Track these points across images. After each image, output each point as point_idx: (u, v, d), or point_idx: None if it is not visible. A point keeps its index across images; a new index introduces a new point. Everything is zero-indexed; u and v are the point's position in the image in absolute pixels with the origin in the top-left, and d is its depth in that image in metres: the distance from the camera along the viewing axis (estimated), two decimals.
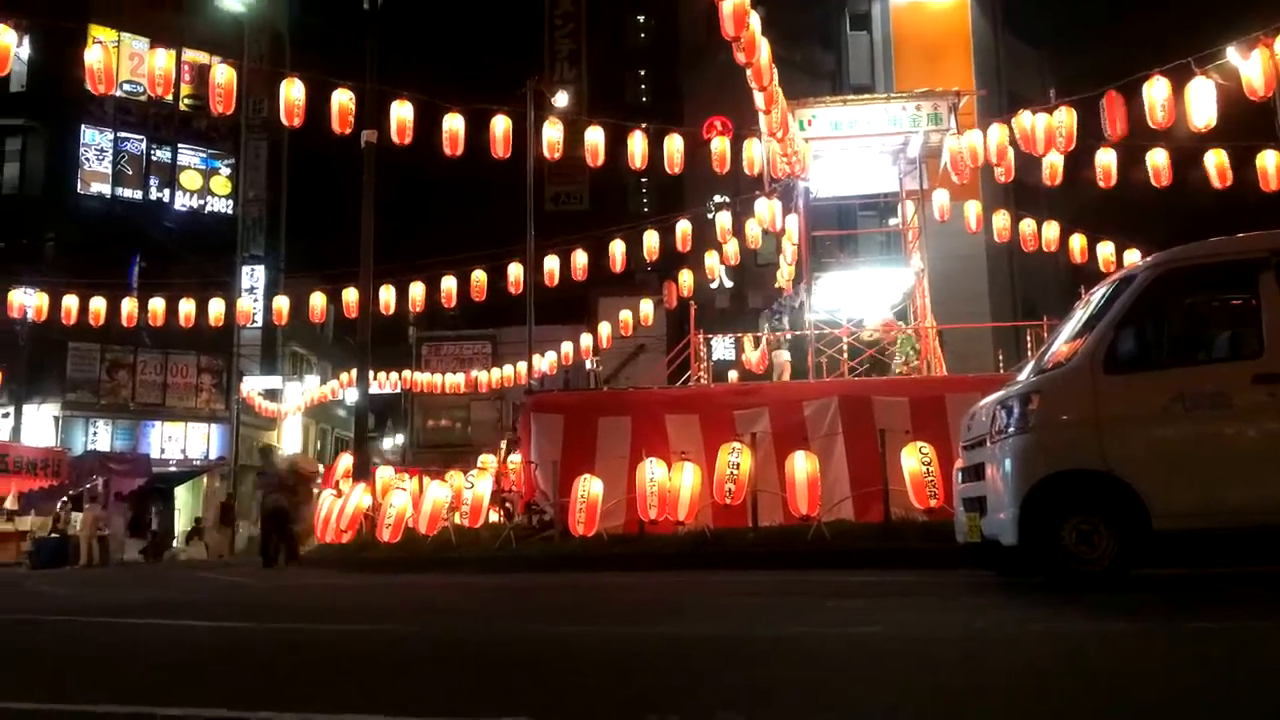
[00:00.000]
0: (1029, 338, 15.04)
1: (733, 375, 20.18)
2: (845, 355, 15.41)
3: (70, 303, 20.41)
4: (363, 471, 15.66)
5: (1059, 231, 17.47)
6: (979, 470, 6.62)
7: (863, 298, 16.32)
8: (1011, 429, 6.18)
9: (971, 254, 21.33)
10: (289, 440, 37.07)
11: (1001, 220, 17.47)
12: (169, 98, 29.03)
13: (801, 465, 10.74)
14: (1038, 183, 15.94)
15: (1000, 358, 16.50)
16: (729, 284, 29.88)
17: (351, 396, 26.50)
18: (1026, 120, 13.50)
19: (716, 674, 3.48)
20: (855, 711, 2.57)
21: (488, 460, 18.25)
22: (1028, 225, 17.47)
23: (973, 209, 16.98)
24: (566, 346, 25.36)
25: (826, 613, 5.56)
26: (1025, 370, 7.16)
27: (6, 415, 25.96)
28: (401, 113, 13.20)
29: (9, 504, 20.45)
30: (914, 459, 10.64)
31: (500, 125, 13.76)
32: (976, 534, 6.58)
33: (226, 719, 2.76)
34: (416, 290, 21.02)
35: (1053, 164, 14.39)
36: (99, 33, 27.56)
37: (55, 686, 3.53)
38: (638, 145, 14.29)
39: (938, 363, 15.48)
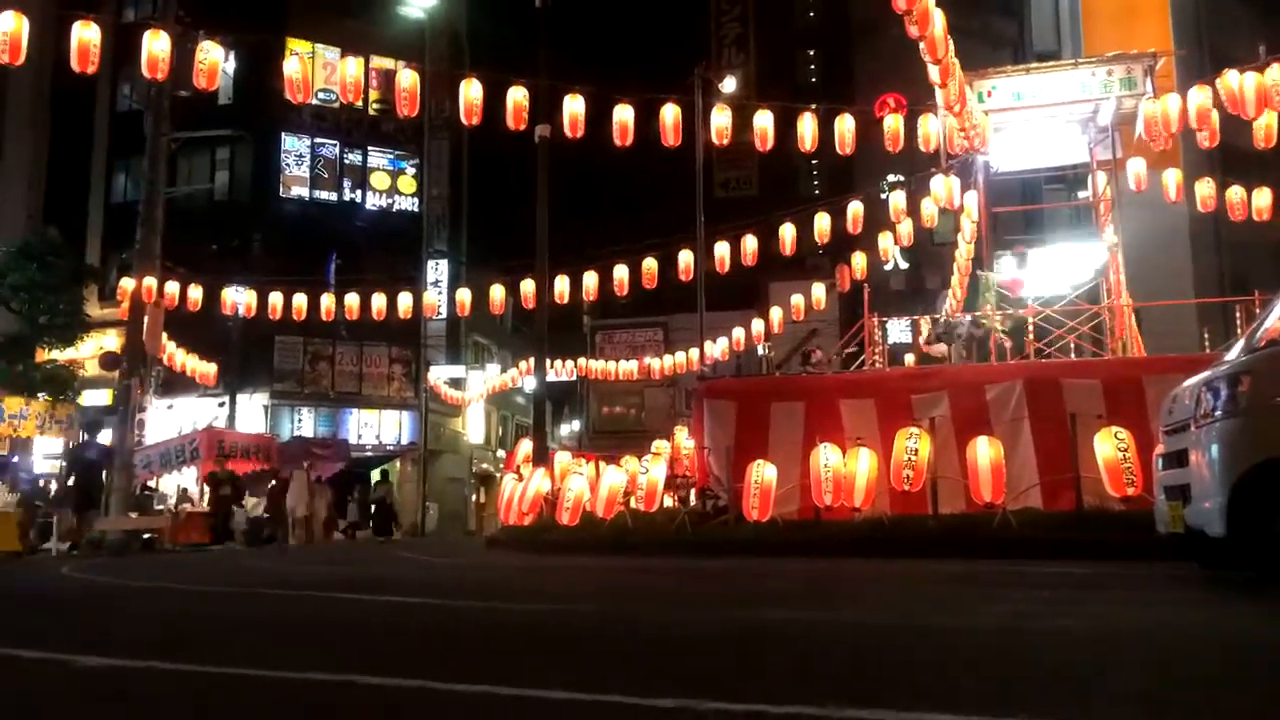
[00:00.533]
0: (1239, 314, 13.94)
1: (909, 359, 19.65)
2: (1032, 336, 14.73)
3: (275, 299, 21.94)
4: (542, 457, 16.16)
5: (1271, 199, 16.05)
6: (1182, 456, 6.20)
7: (1050, 275, 15.53)
8: (1219, 412, 5.75)
9: (1172, 226, 19.89)
10: (473, 426, 38.72)
11: (1205, 188, 16.19)
12: (359, 103, 30.70)
13: (984, 451, 10.35)
14: (1247, 146, 14.69)
15: (1206, 336, 15.37)
16: (904, 265, 29.10)
17: (530, 384, 27.39)
18: (1234, 80, 12.48)
19: (896, 663, 3.42)
20: (1044, 712, 2.47)
21: (662, 445, 18.48)
22: (1236, 193, 16.12)
23: (1172, 177, 15.83)
24: (738, 332, 25.31)
25: (1013, 604, 5.35)
26: (1234, 349, 6.65)
27: (222, 404, 28.20)
28: (573, 107, 13.48)
29: (223, 490, 22.21)
30: (1109, 444, 10.07)
31: (669, 114, 13.85)
32: (1179, 524, 6.17)
33: (420, 689, 2.92)
34: (590, 279, 21.46)
35: (1267, 125, 13.24)
36: (295, 45, 29.56)
37: (261, 656, 3.83)
38: (807, 127, 14.08)
39: (1135, 343, 14.58)
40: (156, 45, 11.70)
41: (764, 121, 14.18)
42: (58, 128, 33.55)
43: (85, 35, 11.50)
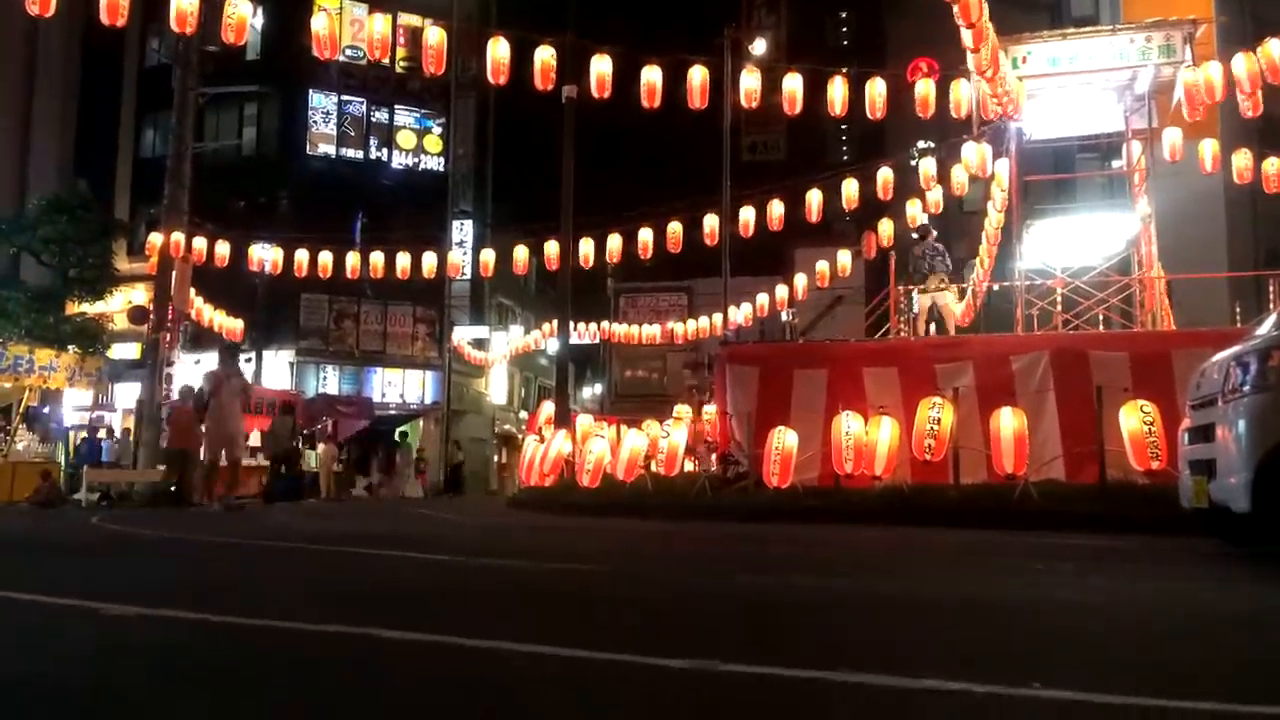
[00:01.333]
0: (1272, 289, 13.73)
1: (934, 328, 19.48)
2: (1059, 307, 14.57)
3: (301, 256, 22.04)
4: (564, 419, 16.22)
5: None
6: (1208, 431, 6.14)
7: (1080, 246, 15.33)
8: (1248, 387, 5.67)
9: (1207, 197, 19.53)
10: (495, 387, 38.90)
11: (1243, 160, 15.87)
12: (386, 61, 30.56)
13: (1008, 422, 10.29)
14: None
15: (1238, 311, 15.15)
16: (933, 233, 28.75)
17: (553, 346, 27.43)
18: (1275, 49, 12.19)
19: (909, 631, 3.42)
20: (1064, 680, 2.47)
21: (683, 410, 18.51)
22: (1273, 164, 15.79)
23: (1209, 148, 15.53)
24: (762, 298, 25.21)
25: (1034, 575, 5.34)
26: (1266, 324, 6.55)
27: (249, 360, 28.45)
28: (600, 67, 13.36)
29: (253, 441, 22.46)
30: (1134, 418, 9.98)
31: (697, 76, 13.71)
32: (1204, 499, 6.12)
33: (435, 644, 2.95)
34: (614, 242, 21.39)
35: None
36: (323, 1, 29.40)
37: (290, 608, 3.88)
38: (837, 91, 13.90)
39: (1165, 316, 14.40)
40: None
41: (793, 85, 14.00)
42: (87, 81, 33.64)
43: None
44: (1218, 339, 8.44)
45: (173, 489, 14.84)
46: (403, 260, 22.69)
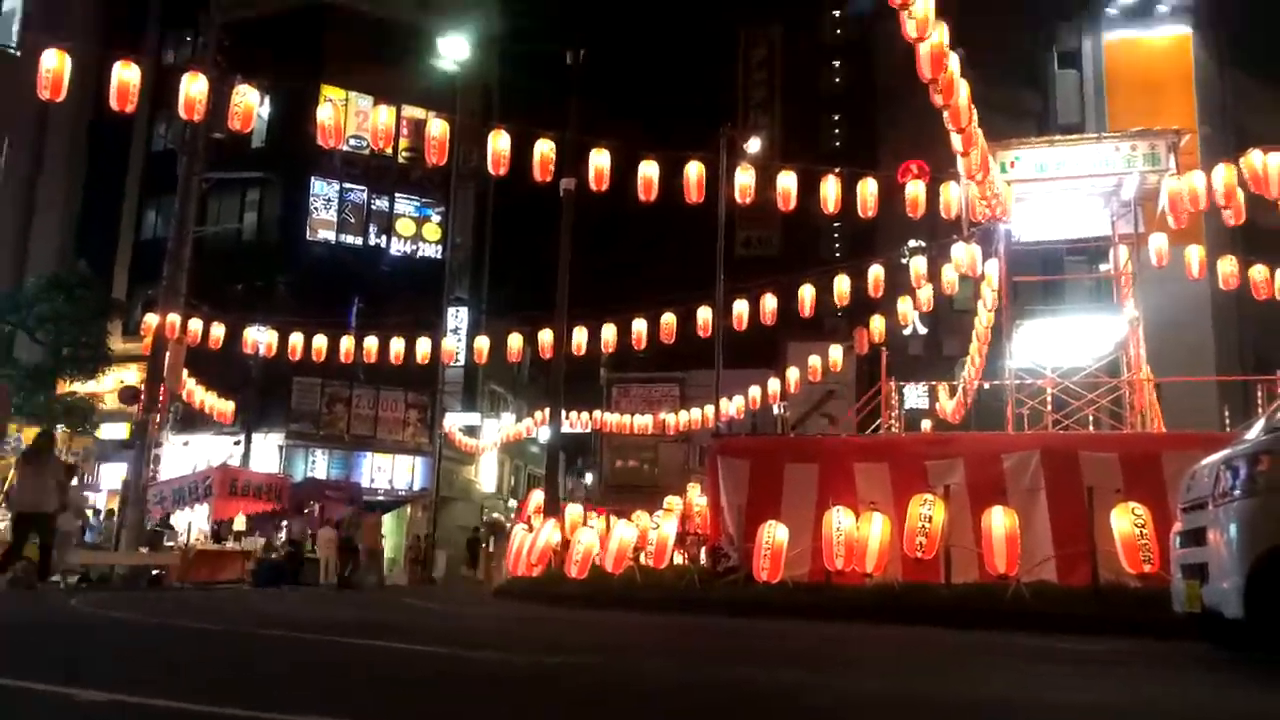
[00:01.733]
0: (1260, 392, 13.84)
1: (926, 425, 19.54)
2: (1049, 407, 14.64)
3: (296, 340, 22.10)
4: (553, 508, 16.09)
5: None
6: (1199, 535, 6.12)
7: (1069, 346, 15.48)
8: (1238, 491, 5.68)
9: (1193, 302, 19.88)
10: (485, 474, 38.63)
11: (1228, 266, 16.16)
12: (389, 150, 31.15)
13: (999, 520, 10.24)
14: (1270, 225, 14.72)
15: (1226, 415, 15.24)
16: (923, 330, 29.07)
17: (544, 434, 27.33)
18: (1257, 159, 12.53)
19: None
20: None
21: (673, 502, 18.38)
22: (1259, 271, 16.07)
23: (1195, 254, 15.81)
24: (754, 391, 25.27)
25: (1027, 677, 5.26)
26: (1254, 428, 6.59)
27: (238, 443, 28.27)
28: (599, 161, 13.64)
29: (237, 525, 22.22)
30: (1126, 520, 9.95)
31: (694, 171, 14.00)
32: (1196, 604, 6.07)
33: None
34: (608, 332, 21.52)
35: None
36: (329, 92, 30.11)
37: (260, 696, 3.80)
38: (830, 190, 14.19)
39: (1154, 417, 14.46)
40: (194, 88, 11.95)
41: (787, 182, 14.30)
42: (92, 164, 34.19)
43: (125, 75, 11.76)
44: (1207, 442, 8.47)
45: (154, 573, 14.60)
46: (397, 345, 22.76)
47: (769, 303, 19.49)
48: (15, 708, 3.33)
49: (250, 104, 12.67)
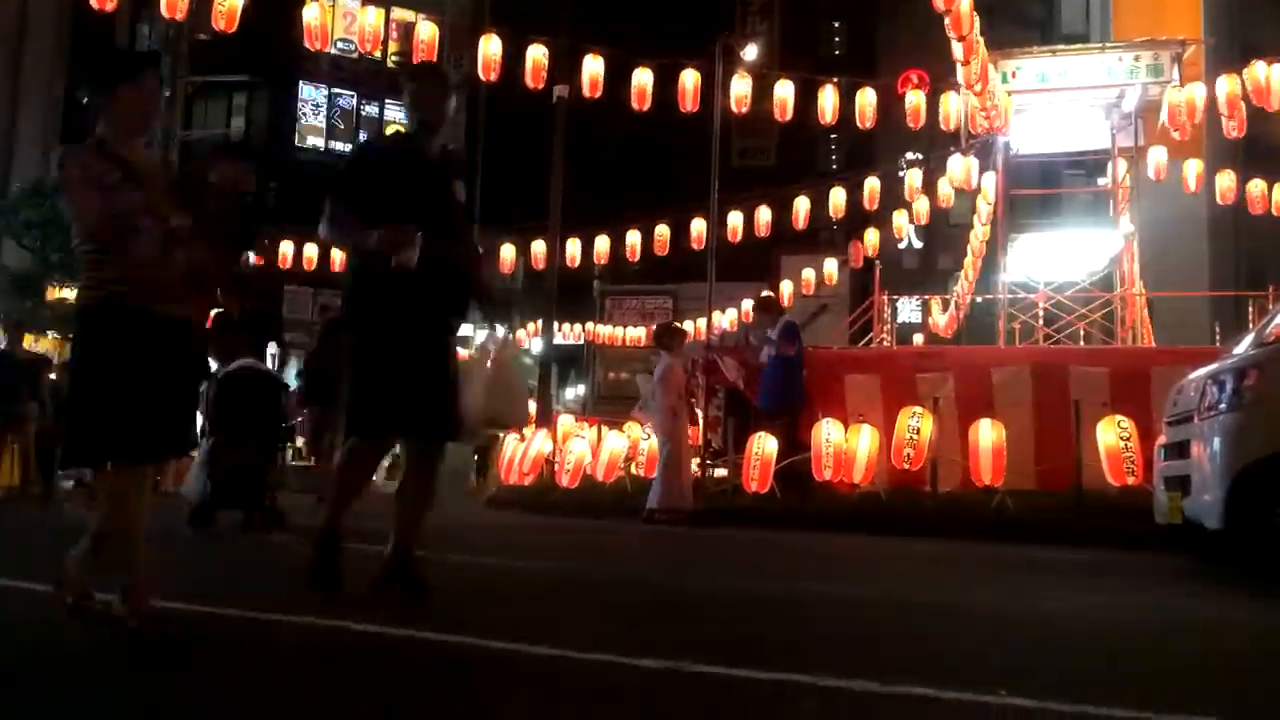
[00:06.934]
0: (1251, 309, 13.86)
1: (918, 339, 19.56)
2: (1041, 321, 14.67)
3: (286, 249, 21.93)
4: (545, 418, 16.19)
5: None
6: (1183, 448, 6.19)
7: (1063, 261, 15.43)
8: (1223, 405, 5.73)
9: (1189, 217, 19.66)
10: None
11: (1226, 180, 16.01)
12: (377, 54, 30.43)
13: (986, 433, 10.32)
14: (1271, 140, 14.55)
15: (1218, 330, 15.28)
16: (918, 244, 28.95)
17: (537, 345, 27.37)
18: (1260, 71, 12.33)
19: (881, 638, 3.44)
20: (1042, 687, 2.49)
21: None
22: (1256, 186, 15.95)
23: (1193, 168, 15.66)
24: (747, 304, 25.23)
25: (1008, 585, 5.38)
26: (1243, 343, 6.61)
27: None
28: (593, 67, 13.36)
29: None
30: (1111, 433, 10.04)
31: (689, 80, 13.74)
32: (1177, 515, 6.17)
33: (408, 638, 2.95)
34: (602, 244, 21.37)
35: None
36: None
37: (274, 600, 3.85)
38: (828, 100, 13.96)
39: (1145, 333, 14.51)
40: None
41: (785, 92, 14.05)
42: (75, 66, 33.38)
43: None
44: (1197, 357, 8.50)
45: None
46: None
47: (764, 215, 19.34)
48: None
49: (234, 4, 12.29)
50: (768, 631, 3.45)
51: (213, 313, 6.92)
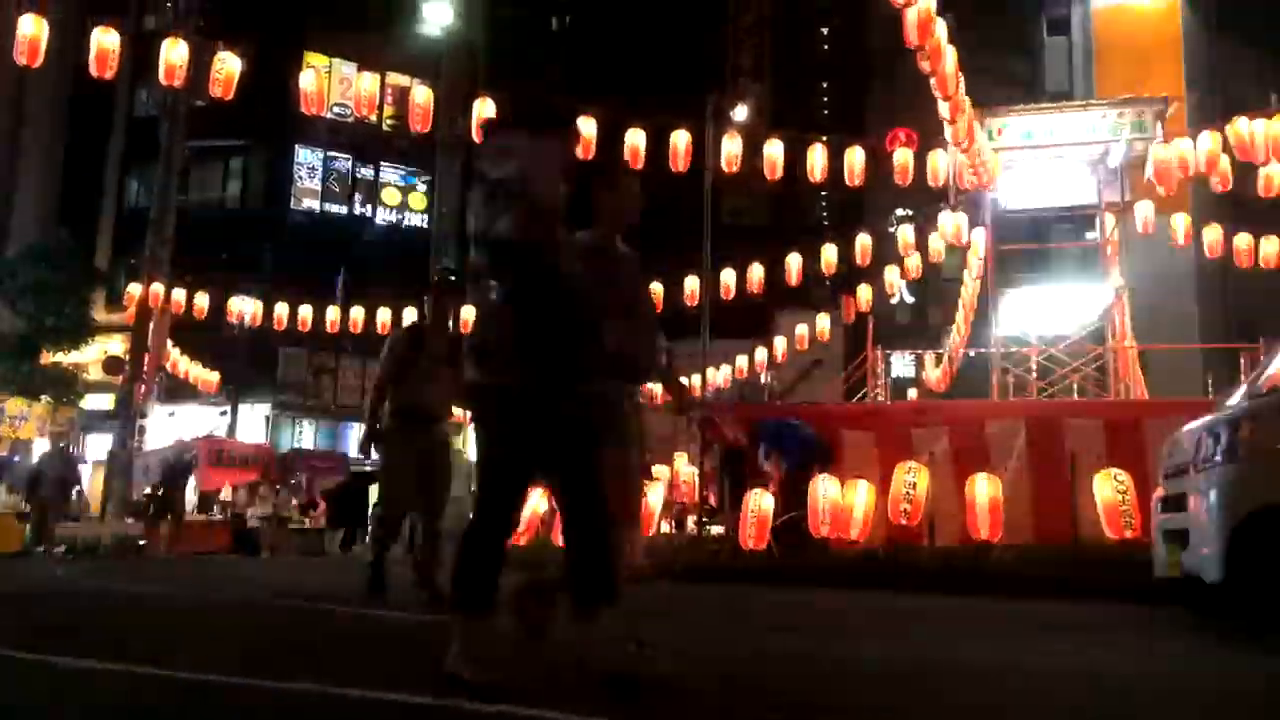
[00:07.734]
0: (1243, 361, 13.91)
1: (912, 393, 19.60)
2: (1034, 375, 14.71)
3: (281, 310, 22.00)
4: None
5: (1279, 247, 16.06)
6: (1180, 501, 6.17)
7: (1055, 315, 15.54)
8: (1219, 457, 5.72)
9: (1179, 270, 19.90)
10: (473, 444, 38.62)
11: (1213, 234, 16.20)
12: (373, 118, 30.85)
13: (983, 488, 10.31)
14: (1256, 194, 14.74)
15: (1210, 382, 15.34)
16: (910, 299, 29.10)
17: None
18: (1244, 126, 12.54)
19: (886, 703, 3.39)
20: None
21: (660, 470, 18.41)
22: (1244, 239, 16.13)
23: (1180, 222, 15.85)
24: (742, 360, 25.28)
25: (1008, 641, 5.31)
26: (1236, 395, 6.62)
27: (224, 414, 28.17)
28: (585, 129, 13.54)
29: (224, 496, 22.18)
30: (1108, 486, 10.03)
31: (681, 139, 13.94)
32: (1176, 569, 6.13)
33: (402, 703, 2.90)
34: None
35: (1268, 175, 13.28)
36: (313, 59, 29.76)
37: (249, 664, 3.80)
38: (818, 158, 14.15)
39: (1138, 385, 14.55)
40: (175, 53, 11.82)
41: (774, 151, 14.26)
42: (74, 131, 33.75)
43: (105, 41, 11.62)
44: (1190, 408, 8.51)
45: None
46: (383, 315, 22.67)
47: (756, 272, 19.47)
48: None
49: (232, 70, 12.51)
50: (765, 686, 3.40)
51: None
